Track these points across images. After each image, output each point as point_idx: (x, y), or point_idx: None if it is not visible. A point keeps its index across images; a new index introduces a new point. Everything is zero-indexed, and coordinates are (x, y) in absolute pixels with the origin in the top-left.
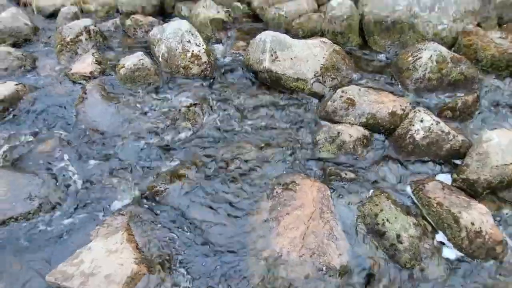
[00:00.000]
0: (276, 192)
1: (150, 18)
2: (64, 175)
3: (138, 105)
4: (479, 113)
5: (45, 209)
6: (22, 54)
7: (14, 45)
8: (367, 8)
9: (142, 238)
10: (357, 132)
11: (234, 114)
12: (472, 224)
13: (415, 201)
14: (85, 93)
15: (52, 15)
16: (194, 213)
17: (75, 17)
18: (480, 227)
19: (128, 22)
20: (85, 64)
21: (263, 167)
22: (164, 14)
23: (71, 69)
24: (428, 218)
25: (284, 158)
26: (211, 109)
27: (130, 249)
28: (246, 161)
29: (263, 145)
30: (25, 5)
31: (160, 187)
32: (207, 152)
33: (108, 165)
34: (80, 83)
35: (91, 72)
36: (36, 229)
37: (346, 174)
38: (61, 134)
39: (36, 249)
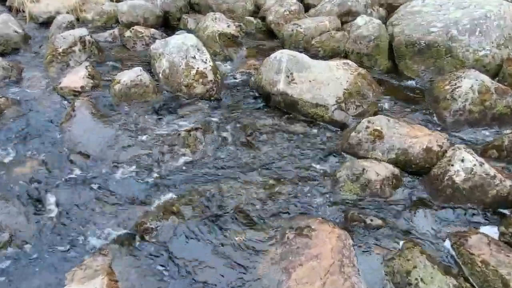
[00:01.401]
0: (288, 238)
1: (152, 30)
2: (41, 204)
3: (132, 126)
4: None
5: (15, 242)
6: (8, 64)
7: (2, 54)
8: (397, 28)
9: (126, 284)
10: (385, 170)
11: (241, 143)
12: None
13: (455, 257)
14: (73, 110)
15: (46, 23)
16: (188, 258)
17: (71, 26)
18: None
19: (127, 33)
20: (77, 77)
21: (273, 207)
22: (168, 26)
23: (60, 82)
24: (471, 280)
25: (298, 197)
26: (215, 136)
27: None
28: (252, 198)
29: (273, 180)
30: (17, 11)
31: (151, 225)
32: (207, 186)
33: (93, 194)
34: (69, 99)
35: (82, 87)
36: (3, 266)
37: (371, 220)
38: (42, 155)
39: None
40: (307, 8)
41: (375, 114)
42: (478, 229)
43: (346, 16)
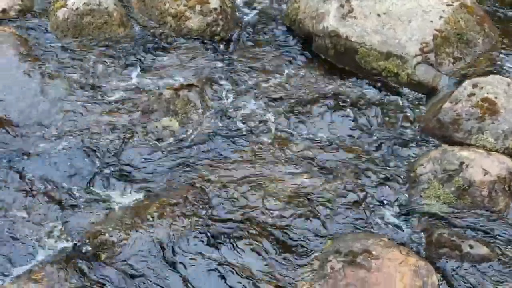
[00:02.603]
0: (332, 268)
1: None
2: None
3: (84, 79)
4: None
5: None
6: None
7: None
8: None
9: None
10: (499, 165)
11: (262, 111)
12: None
13: None
14: None
15: None
16: None
17: None
18: None
19: None
20: None
21: (309, 216)
22: None
23: None
24: None
25: (351, 203)
26: (220, 98)
27: None
28: (274, 202)
29: (310, 173)
30: None
31: (111, 236)
32: (205, 177)
33: (19, 185)
34: None
35: (4, 11)
36: None
37: (471, 247)
38: None
39: None
40: None
41: (486, 73)
42: None
43: None
